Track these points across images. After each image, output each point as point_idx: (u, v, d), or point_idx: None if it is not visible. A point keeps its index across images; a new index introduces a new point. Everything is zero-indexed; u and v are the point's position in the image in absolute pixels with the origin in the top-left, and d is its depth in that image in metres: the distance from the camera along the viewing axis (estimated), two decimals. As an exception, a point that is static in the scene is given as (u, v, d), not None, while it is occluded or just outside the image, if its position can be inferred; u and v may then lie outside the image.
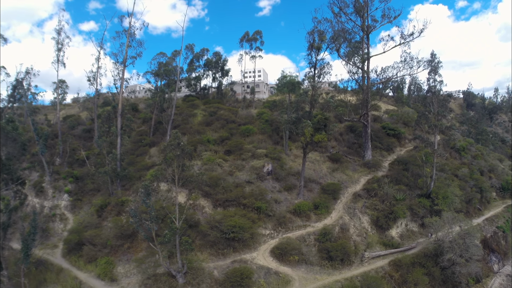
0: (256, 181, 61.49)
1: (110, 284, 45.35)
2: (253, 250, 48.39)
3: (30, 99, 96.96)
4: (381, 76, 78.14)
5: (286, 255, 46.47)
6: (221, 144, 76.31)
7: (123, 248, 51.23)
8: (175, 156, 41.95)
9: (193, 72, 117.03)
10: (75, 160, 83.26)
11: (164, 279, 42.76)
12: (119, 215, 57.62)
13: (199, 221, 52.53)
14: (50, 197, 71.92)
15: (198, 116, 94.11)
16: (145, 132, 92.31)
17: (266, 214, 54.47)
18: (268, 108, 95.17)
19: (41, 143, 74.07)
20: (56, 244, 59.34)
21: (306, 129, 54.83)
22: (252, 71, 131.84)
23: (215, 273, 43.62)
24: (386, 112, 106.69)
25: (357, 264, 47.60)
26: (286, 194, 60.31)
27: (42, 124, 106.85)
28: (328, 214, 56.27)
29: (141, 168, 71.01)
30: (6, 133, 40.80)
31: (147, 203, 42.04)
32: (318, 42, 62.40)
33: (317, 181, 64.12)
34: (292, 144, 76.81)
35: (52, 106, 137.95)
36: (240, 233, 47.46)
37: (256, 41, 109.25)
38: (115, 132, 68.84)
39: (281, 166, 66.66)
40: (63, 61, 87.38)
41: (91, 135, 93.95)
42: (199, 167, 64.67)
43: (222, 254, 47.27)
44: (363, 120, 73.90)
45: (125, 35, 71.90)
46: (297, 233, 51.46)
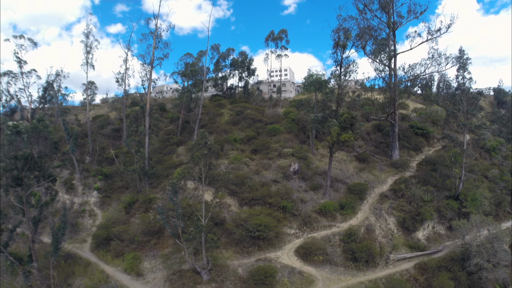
0: (282, 180, 61.18)
1: (136, 279, 46.15)
2: (278, 249, 48.25)
3: (60, 100, 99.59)
4: (408, 74, 76.17)
5: (311, 255, 46.13)
6: (248, 143, 76.32)
7: (150, 244, 52.02)
8: (202, 155, 42.27)
9: (219, 72, 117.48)
10: (104, 158, 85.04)
11: (189, 275, 43.22)
12: (147, 212, 58.33)
13: (225, 219, 52.77)
14: (80, 193, 73.81)
15: (225, 115, 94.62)
16: (172, 132, 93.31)
17: (291, 214, 54.14)
18: (294, 107, 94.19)
19: (71, 142, 76.15)
20: (85, 239, 60.75)
21: (333, 128, 54.21)
22: (278, 70, 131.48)
23: (240, 271, 43.82)
24: (414, 110, 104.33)
25: (382, 266, 46.73)
26: (312, 193, 59.78)
27: (73, 124, 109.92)
28: (354, 215, 55.47)
29: (168, 167, 71.70)
30: (38, 132, 41.83)
31: (174, 200, 42.65)
32: (344, 40, 61.46)
33: (343, 181, 63.38)
34: (318, 143, 76.16)
35: (82, 107, 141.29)
36: (265, 232, 47.42)
37: (281, 40, 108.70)
38: (143, 131, 69.94)
39: (308, 166, 66.16)
40: (92, 63, 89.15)
41: (119, 134, 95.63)
42: (226, 166, 65.08)
43: (247, 252, 47.39)
44: (390, 119, 72.46)
45: (151, 37, 72.81)
46: (322, 233, 51.01)
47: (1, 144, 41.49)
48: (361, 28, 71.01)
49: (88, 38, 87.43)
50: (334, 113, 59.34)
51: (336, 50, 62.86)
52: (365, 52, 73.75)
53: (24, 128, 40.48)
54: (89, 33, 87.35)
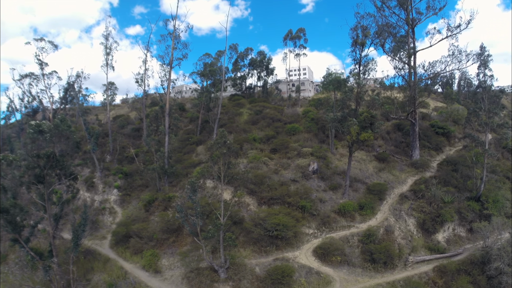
0: (301, 180, 60.83)
1: (154, 275, 46.64)
2: (296, 248, 47.98)
3: (81, 101, 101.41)
4: (428, 72, 74.50)
5: (329, 255, 45.73)
6: (267, 142, 76.15)
7: (168, 242, 52.48)
8: (221, 154, 42.42)
9: (238, 71, 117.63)
10: (125, 157, 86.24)
11: (206, 273, 43.48)
12: (166, 210, 59.13)
13: (243, 218, 52.77)
14: (101, 191, 75.05)
15: (244, 115, 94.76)
16: (192, 131, 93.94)
17: (310, 213, 53.75)
18: (313, 106, 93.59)
19: (92, 141, 77.62)
20: (105, 236, 61.74)
21: (352, 128, 53.59)
22: (297, 69, 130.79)
23: (257, 269, 43.76)
24: (435, 109, 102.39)
25: (400, 268, 45.83)
26: (331, 193, 59.26)
27: (93, 123, 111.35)
28: (373, 215, 54.74)
29: (188, 166, 72.16)
30: (60, 131, 42.67)
31: (193, 199, 42.92)
32: (362, 38, 60.67)
33: (363, 180, 62.65)
34: (338, 142, 75.50)
35: (102, 107, 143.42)
36: (284, 231, 47.18)
37: (299, 39, 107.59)
38: (163, 131, 70.76)
39: (327, 165, 65.66)
40: (111, 64, 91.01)
41: (139, 134, 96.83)
42: (245, 165, 65.20)
43: (264, 251, 47.30)
44: (410, 118, 71.21)
45: (170, 38, 73.47)
46: (341, 234, 50.48)
47: (24, 143, 42.45)
48: (379, 25, 70.00)
49: (107, 40, 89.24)
50: (354, 112, 58.67)
51: (354, 48, 62.19)
52: (384, 50, 72.60)
53: (47, 127, 41.24)
54: (108, 35, 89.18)
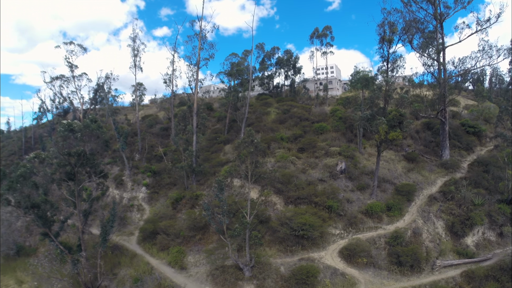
0: (328, 180, 60.23)
1: (180, 272, 47.09)
2: (322, 249, 47.43)
3: (110, 101, 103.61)
4: (458, 68, 71.98)
5: (355, 257, 44.96)
6: (295, 141, 75.71)
7: (195, 239, 53.00)
8: (249, 153, 42.45)
9: (265, 71, 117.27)
10: (153, 156, 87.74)
11: (231, 271, 43.51)
12: (193, 208, 59.66)
13: (270, 217, 52.64)
14: (129, 189, 76.61)
15: (272, 114, 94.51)
16: (219, 130, 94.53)
17: (337, 213, 53.14)
18: (341, 105, 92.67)
19: (121, 141, 79.25)
20: (132, 232, 62.95)
21: (380, 127, 52.50)
22: (324, 68, 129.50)
23: (282, 269, 43.49)
24: (466, 107, 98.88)
25: (427, 272, 44.39)
26: (359, 193, 58.37)
27: (123, 123, 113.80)
28: (401, 217, 53.53)
29: (215, 164, 72.72)
30: (91, 131, 43.84)
31: (220, 197, 43.09)
32: (389, 34, 59.39)
33: (391, 181, 61.49)
34: (366, 142, 74.35)
35: (131, 107, 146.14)
36: (310, 231, 46.76)
37: (326, 37, 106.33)
38: (190, 130, 71.46)
39: (355, 165, 64.70)
40: (139, 65, 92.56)
41: (168, 133, 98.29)
42: (272, 164, 65.04)
43: (290, 251, 46.96)
44: (440, 116, 69.06)
45: (196, 38, 74.11)
46: (368, 235, 49.57)
47: (56, 141, 43.79)
48: (406, 21, 67.60)
49: (134, 42, 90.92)
50: (382, 111, 57.61)
51: (382, 45, 61.00)
52: (412, 46, 70.51)
53: (78, 127, 42.32)
54: (136, 37, 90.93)
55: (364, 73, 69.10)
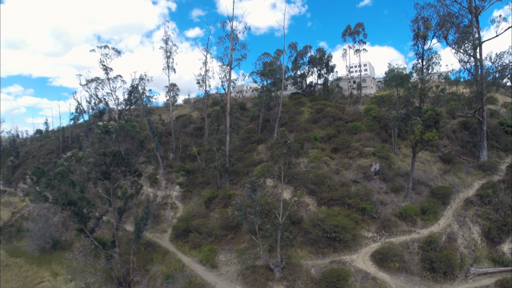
0: (362, 181, 59.24)
1: (210, 270, 47.55)
2: (354, 252, 46.69)
3: (145, 102, 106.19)
4: (496, 64, 69.03)
5: (387, 261, 43.92)
6: (328, 141, 74.80)
7: (227, 238, 53.45)
8: (282, 153, 42.33)
9: (297, 70, 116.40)
10: (187, 155, 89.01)
11: (262, 271, 43.55)
12: (226, 207, 60.20)
13: (302, 218, 52.29)
14: (163, 187, 78.06)
15: (305, 113, 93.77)
16: (253, 130, 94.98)
17: (370, 216, 52.12)
18: (375, 104, 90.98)
19: (156, 140, 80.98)
20: (165, 230, 64.04)
21: (416, 127, 50.91)
22: (358, 66, 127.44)
23: (312, 271, 43.09)
24: (504, 105, 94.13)
25: (461, 279, 42.60)
26: (393, 195, 57.01)
27: (157, 123, 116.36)
28: (436, 221, 51.76)
29: (248, 164, 73.00)
30: (125, 132, 45.08)
31: (252, 198, 43.30)
32: (423, 30, 57.81)
33: (426, 183, 59.74)
34: (401, 142, 72.52)
35: (165, 107, 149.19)
36: (342, 233, 46.13)
37: (358, 34, 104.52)
38: (224, 130, 72.01)
39: (389, 166, 63.23)
40: (172, 67, 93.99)
41: (201, 133, 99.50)
42: (306, 165, 64.60)
43: (321, 253, 46.51)
44: (477, 115, 66.12)
45: (228, 39, 74.50)
46: (401, 239, 48.34)
47: (92, 142, 45.36)
48: (440, 16, 65.33)
49: (167, 44, 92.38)
50: (417, 110, 55.95)
51: (416, 42, 59.53)
52: (447, 42, 67.84)
53: (113, 128, 43.59)
54: (168, 39, 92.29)
55: (398, 70, 67.24)
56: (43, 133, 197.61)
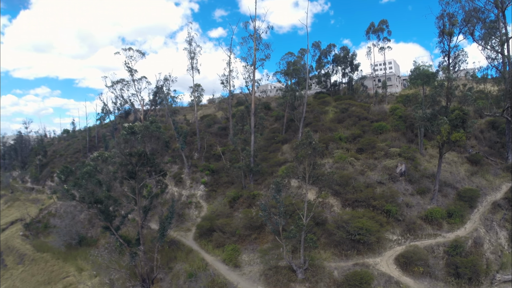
0: (387, 182, 58.24)
1: (233, 270, 47.93)
2: (377, 255, 45.96)
3: (170, 102, 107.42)
4: None
5: (411, 265, 43.02)
6: (353, 142, 73.86)
7: (250, 238, 53.73)
8: (307, 154, 42.18)
9: (321, 69, 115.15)
10: (212, 155, 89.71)
11: (284, 272, 43.58)
12: (250, 207, 60.48)
13: (326, 219, 52.07)
14: (188, 187, 79.10)
15: (330, 113, 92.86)
16: (277, 130, 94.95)
17: (395, 218, 51.24)
18: (401, 103, 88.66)
19: (181, 140, 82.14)
20: (190, 228, 64.91)
21: (442, 127, 49.73)
22: (382, 64, 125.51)
23: (335, 273, 42.84)
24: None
25: (486, 286, 41.23)
26: (419, 198, 55.87)
27: (182, 123, 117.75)
28: (462, 224, 50.46)
29: (273, 164, 72.97)
30: (151, 132, 46.12)
31: (277, 198, 43.39)
32: (449, 27, 56.33)
33: (453, 185, 58.31)
34: (427, 142, 70.96)
35: (190, 107, 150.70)
36: (367, 235, 45.62)
37: (382, 32, 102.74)
38: (248, 130, 72.42)
39: (415, 167, 61.87)
40: (196, 67, 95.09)
41: (226, 133, 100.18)
42: (330, 165, 64.20)
43: (345, 255, 46.10)
44: (506, 115, 63.75)
45: (251, 39, 74.53)
46: (426, 242, 47.27)
47: (118, 142, 46.55)
48: (466, 11, 63.30)
49: (190, 45, 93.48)
50: (444, 110, 54.58)
51: (442, 39, 58.07)
52: (473, 38, 65.77)
53: (138, 129, 44.60)
54: (191, 40, 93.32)
55: (424, 68, 65.73)
56: (70, 133, 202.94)
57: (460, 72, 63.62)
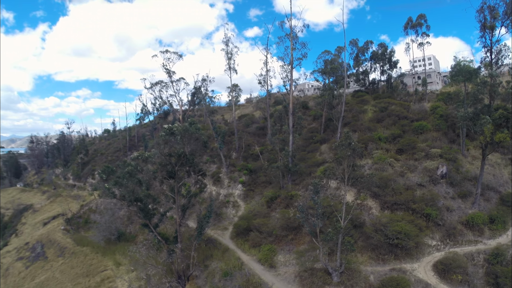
0: (428, 185, 56.45)
1: (268, 270, 48.08)
2: (415, 260, 44.76)
3: (207, 102, 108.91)
4: None
5: (449, 272, 41.55)
6: (393, 142, 72.02)
7: (287, 239, 53.63)
8: (346, 155, 41.68)
9: (359, 66, 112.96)
10: (250, 154, 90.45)
11: (320, 275, 43.24)
12: (287, 207, 60.40)
13: (364, 222, 51.28)
14: (226, 186, 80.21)
15: (368, 112, 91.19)
16: (315, 129, 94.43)
17: (435, 223, 49.68)
18: (442, 101, 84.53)
19: (219, 140, 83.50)
20: (226, 227, 65.77)
21: (485, 127, 47.55)
22: (421, 60, 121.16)
23: (371, 278, 42.14)
24: None
25: None
26: (460, 201, 54.01)
27: (220, 123, 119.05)
28: (504, 231, 48.52)
29: (311, 165, 72.52)
30: (190, 134, 47.28)
31: (315, 200, 43.36)
32: (490, 20, 54.03)
33: (496, 189, 56.19)
34: (469, 143, 68.30)
35: (227, 107, 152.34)
36: (405, 240, 44.52)
37: (421, 27, 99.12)
38: (287, 130, 72.11)
39: (457, 169, 59.70)
40: (234, 68, 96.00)
41: (264, 132, 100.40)
42: (370, 166, 63.30)
43: (382, 259, 45.28)
44: None
45: (287, 39, 73.91)
46: (466, 249, 45.67)
47: (157, 143, 48.09)
48: (507, 3, 60.13)
49: (227, 46, 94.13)
50: (487, 108, 52.23)
51: (483, 33, 55.99)
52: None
53: (178, 130, 45.62)
54: (228, 41, 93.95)
55: (465, 64, 62.90)
56: (111, 132, 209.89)
57: (503, 68, 60.60)
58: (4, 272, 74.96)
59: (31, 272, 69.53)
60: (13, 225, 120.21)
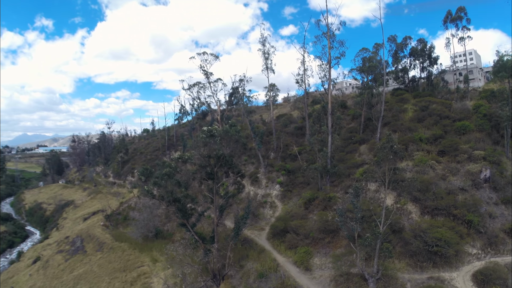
0: (470, 189, 54.17)
1: (304, 273, 47.95)
2: (454, 269, 43.17)
3: (245, 102, 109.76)
4: None
5: (489, 283, 39.58)
6: (434, 143, 69.29)
7: (324, 242, 53.11)
8: (387, 159, 40.95)
9: (398, 63, 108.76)
10: (288, 155, 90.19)
11: (356, 280, 42.65)
12: (325, 210, 59.78)
13: (403, 227, 50.10)
14: (263, 186, 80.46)
15: (409, 111, 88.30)
16: (354, 129, 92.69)
17: (476, 230, 47.68)
18: (485, 99, 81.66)
19: (257, 140, 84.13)
20: (263, 228, 65.88)
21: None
22: (462, 55, 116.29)
23: (408, 286, 41.11)
24: None
25: None
26: (503, 208, 51.61)
27: (257, 123, 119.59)
28: None
29: (350, 166, 71.36)
30: (229, 136, 48.28)
31: (355, 204, 42.83)
32: None
33: (543, 195, 53.34)
34: (516, 144, 64.49)
35: (265, 106, 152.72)
36: (445, 247, 43.07)
37: (461, 20, 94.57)
38: (325, 130, 71.34)
39: (501, 173, 56.92)
40: (271, 67, 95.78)
41: (302, 132, 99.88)
42: (410, 169, 61.65)
43: (420, 267, 44.01)
44: None
45: (324, 37, 72.96)
46: (507, 259, 43.60)
47: (197, 145, 49.28)
48: None
49: (264, 46, 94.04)
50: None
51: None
52: None
53: (217, 132, 46.48)
54: (265, 41, 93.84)
55: (509, 58, 59.15)
56: (150, 132, 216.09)
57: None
58: (44, 263, 78.62)
59: (70, 265, 72.82)
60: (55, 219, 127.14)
